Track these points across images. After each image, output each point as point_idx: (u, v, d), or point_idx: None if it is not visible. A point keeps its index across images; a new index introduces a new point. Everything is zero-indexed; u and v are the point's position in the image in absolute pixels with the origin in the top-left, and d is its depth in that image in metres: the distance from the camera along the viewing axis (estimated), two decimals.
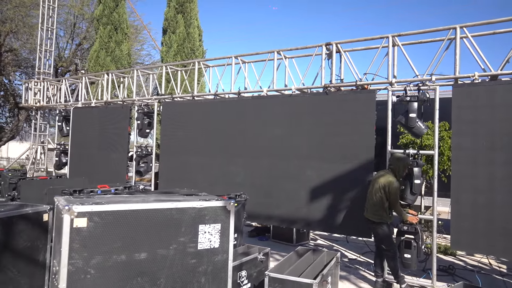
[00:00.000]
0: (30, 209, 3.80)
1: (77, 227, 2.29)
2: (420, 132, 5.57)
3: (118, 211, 2.43)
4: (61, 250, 2.26)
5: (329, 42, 6.36)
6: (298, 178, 6.44)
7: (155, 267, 2.57)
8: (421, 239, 5.37)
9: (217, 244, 2.85)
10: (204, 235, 2.79)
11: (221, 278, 2.89)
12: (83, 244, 2.32)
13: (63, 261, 2.25)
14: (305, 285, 3.63)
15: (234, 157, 7.21)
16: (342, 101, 6.18)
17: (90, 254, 2.34)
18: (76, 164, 9.94)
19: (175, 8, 11.59)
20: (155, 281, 2.57)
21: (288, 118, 6.66)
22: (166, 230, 2.62)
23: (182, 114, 7.98)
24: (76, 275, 2.29)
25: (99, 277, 2.36)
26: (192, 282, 2.73)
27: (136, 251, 2.50)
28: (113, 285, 2.41)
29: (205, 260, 2.80)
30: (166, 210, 2.62)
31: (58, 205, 2.49)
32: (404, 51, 5.76)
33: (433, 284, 5.27)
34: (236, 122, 7.21)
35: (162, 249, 2.60)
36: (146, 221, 2.54)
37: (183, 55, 11.35)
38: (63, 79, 10.59)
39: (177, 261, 2.67)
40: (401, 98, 5.60)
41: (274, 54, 6.92)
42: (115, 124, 9.09)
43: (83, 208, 2.30)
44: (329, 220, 6.14)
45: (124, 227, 2.46)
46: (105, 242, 2.39)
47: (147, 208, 2.54)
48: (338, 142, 6.14)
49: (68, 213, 2.26)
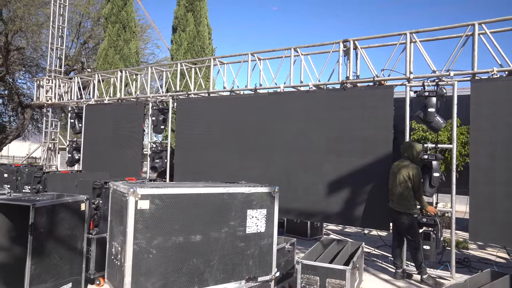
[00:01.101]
0: (70, 199, 3.91)
1: (140, 209, 2.41)
2: (439, 126, 5.72)
3: (177, 194, 2.55)
4: (126, 230, 2.37)
5: (346, 39, 6.49)
6: (315, 172, 6.56)
7: (209, 249, 2.69)
8: (440, 230, 5.51)
9: (263, 229, 2.97)
10: (252, 219, 2.90)
11: (266, 261, 3.01)
12: (146, 225, 2.43)
13: (129, 240, 2.36)
14: (338, 271, 3.76)
15: (250, 152, 7.33)
16: (360, 97, 6.31)
17: (152, 235, 2.45)
18: (89, 160, 10.02)
19: (185, 7, 11.68)
20: (209, 262, 2.68)
21: (305, 113, 6.78)
22: (219, 214, 2.74)
23: (197, 110, 8.08)
24: (140, 255, 2.40)
25: (160, 257, 2.48)
26: (241, 265, 2.85)
27: (192, 233, 2.61)
28: (172, 265, 2.52)
29: (253, 243, 2.92)
30: (219, 195, 2.74)
31: (118, 189, 2.60)
32: (422, 48, 5.90)
33: (452, 275, 5.40)
34: (252, 118, 7.33)
35: (215, 232, 2.72)
36: (201, 205, 2.65)
37: (193, 53, 11.44)
38: (75, 76, 10.67)
39: (228, 244, 2.78)
40: (419, 93, 5.74)
41: (291, 51, 7.05)
42: (129, 120, 9.18)
43: (146, 190, 2.42)
44: (347, 213, 6.27)
45: (182, 210, 2.57)
46: (165, 224, 2.50)
47: (202, 192, 2.66)
48: (356, 137, 6.26)
49: (133, 195, 2.38)
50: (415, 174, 5.10)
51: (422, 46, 5.95)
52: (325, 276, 3.81)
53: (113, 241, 2.65)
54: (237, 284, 2.82)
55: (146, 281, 2.42)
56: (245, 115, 7.42)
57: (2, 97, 21.84)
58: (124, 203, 2.47)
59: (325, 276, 3.80)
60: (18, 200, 3.72)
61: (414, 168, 5.13)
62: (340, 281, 3.75)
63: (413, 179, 5.08)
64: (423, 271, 5.21)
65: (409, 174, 5.11)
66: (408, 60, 5.93)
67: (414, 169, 5.13)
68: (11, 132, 19.19)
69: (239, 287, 2.82)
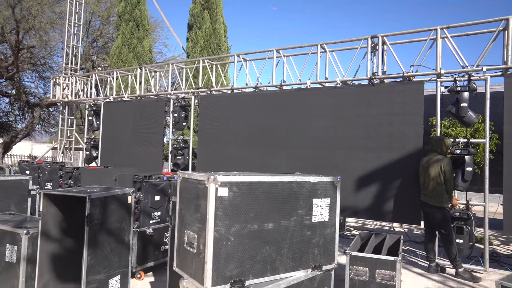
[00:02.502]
0: (119, 191, 3.92)
1: (220, 196, 2.42)
2: (471, 121, 5.75)
3: (251, 182, 2.56)
4: (207, 217, 2.39)
5: (374, 34, 6.52)
6: (344, 168, 6.58)
7: (280, 237, 2.71)
8: (473, 224, 5.54)
9: (326, 218, 2.99)
10: (317, 208, 2.93)
11: (330, 250, 3.03)
12: (225, 212, 2.45)
13: (210, 227, 2.38)
14: (388, 262, 3.78)
15: (276, 148, 7.35)
16: (389, 92, 6.34)
17: (230, 222, 2.47)
18: (107, 157, 10.03)
19: (201, 4, 11.70)
20: (280, 250, 2.70)
21: (333, 109, 6.80)
22: (288, 202, 2.76)
23: (221, 106, 8.10)
24: (220, 241, 2.42)
25: (237, 244, 2.50)
26: (307, 253, 2.87)
27: (265, 221, 2.63)
28: (248, 252, 2.54)
29: (318, 232, 2.94)
30: (288, 183, 2.76)
31: (192, 177, 2.62)
32: (453, 43, 5.93)
33: (485, 269, 5.43)
34: (278, 114, 7.35)
35: (285, 220, 2.74)
36: (273, 193, 2.67)
37: (209, 51, 11.46)
38: (93, 74, 10.67)
39: (297, 232, 2.80)
40: (451, 88, 5.77)
41: (318, 47, 7.07)
42: (149, 117, 9.19)
43: (225, 178, 2.44)
44: (377, 208, 6.30)
45: (256, 197, 2.59)
46: (242, 211, 2.52)
47: (274, 180, 2.68)
48: (384, 132, 6.29)
49: (214, 182, 2.40)
50: (446, 166, 5.12)
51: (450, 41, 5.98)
52: (374, 267, 3.83)
53: (185, 229, 2.67)
54: (304, 273, 2.84)
55: (225, 267, 2.44)
56: (271, 111, 7.44)
57: (7, 96, 21.82)
58: (201, 190, 2.48)
59: (375, 267, 3.82)
60: (73, 191, 3.73)
61: (445, 160, 5.16)
62: (390, 272, 3.77)
63: (445, 171, 5.11)
64: (458, 265, 5.22)
65: (441, 166, 5.13)
66: (439, 56, 5.96)
67: (446, 161, 5.16)
68: (21, 131, 19.19)
69: (306, 275, 2.84)
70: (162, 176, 5.05)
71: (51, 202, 3.73)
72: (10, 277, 3.96)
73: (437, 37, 5.99)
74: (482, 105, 5.71)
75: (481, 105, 5.80)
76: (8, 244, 4.01)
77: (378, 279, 3.84)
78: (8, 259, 4.00)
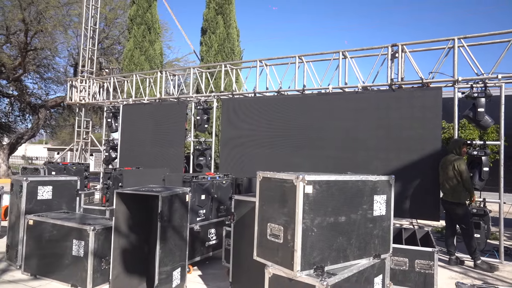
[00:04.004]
0: (180, 190, 4.26)
1: (307, 193, 2.80)
2: (487, 125, 6.21)
3: (329, 181, 2.94)
4: (296, 211, 2.76)
5: (395, 43, 6.95)
6: (365, 167, 7.00)
7: (349, 229, 3.09)
8: (489, 220, 6.00)
9: (384, 212, 3.38)
10: (377, 204, 3.32)
11: (386, 241, 3.42)
12: (310, 207, 2.82)
13: (299, 220, 2.75)
14: (427, 252, 4.20)
15: (298, 149, 7.74)
16: (408, 97, 6.78)
17: (314, 216, 2.84)
18: (127, 159, 10.29)
19: (214, 9, 12.03)
20: (349, 240, 3.09)
21: (354, 112, 7.22)
22: (355, 198, 3.14)
23: (243, 109, 8.46)
24: (306, 232, 2.79)
25: (319, 235, 2.87)
26: (370, 243, 3.26)
27: (339, 214, 3.01)
28: (326, 242, 2.92)
29: (377, 225, 3.33)
30: (356, 182, 3.14)
31: (276, 176, 2.99)
32: (469, 52, 6.39)
33: (501, 260, 5.89)
34: (300, 117, 7.74)
35: (353, 214, 3.12)
36: (344, 190, 3.06)
37: (223, 55, 11.80)
38: (110, 76, 10.92)
39: (362, 225, 3.19)
40: (468, 94, 6.23)
41: (339, 54, 7.48)
42: (170, 120, 9.49)
43: (310, 177, 2.81)
44: (397, 205, 6.71)
45: (333, 194, 2.97)
46: (322, 206, 2.90)
47: (346, 179, 3.06)
48: (404, 135, 6.73)
49: (302, 181, 2.77)
50: (460, 165, 5.57)
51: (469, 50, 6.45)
52: (414, 258, 4.24)
53: (267, 222, 3.03)
54: (367, 260, 3.22)
55: (310, 255, 2.81)
56: (293, 115, 7.82)
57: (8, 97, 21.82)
58: (288, 188, 2.85)
59: (414, 257, 4.24)
60: (145, 190, 4.05)
61: (459, 159, 5.61)
62: (429, 262, 4.19)
63: (459, 170, 5.55)
64: (477, 257, 5.67)
65: (455, 165, 5.58)
66: (457, 63, 6.41)
67: (460, 160, 5.61)
68: (26, 132, 19.25)
69: (368, 262, 3.23)
70: (206, 177, 5.39)
71: (121, 201, 4.05)
72: (78, 270, 4.26)
73: (454, 46, 6.44)
74: (491, 109, 6.18)
75: (491, 109, 6.27)
76: (74, 239, 4.32)
77: (417, 269, 4.25)
78: (75, 253, 4.31)
